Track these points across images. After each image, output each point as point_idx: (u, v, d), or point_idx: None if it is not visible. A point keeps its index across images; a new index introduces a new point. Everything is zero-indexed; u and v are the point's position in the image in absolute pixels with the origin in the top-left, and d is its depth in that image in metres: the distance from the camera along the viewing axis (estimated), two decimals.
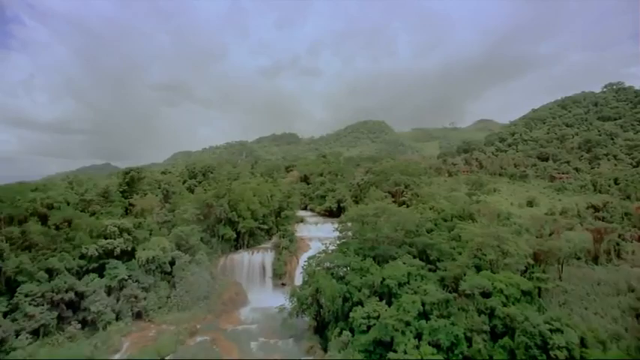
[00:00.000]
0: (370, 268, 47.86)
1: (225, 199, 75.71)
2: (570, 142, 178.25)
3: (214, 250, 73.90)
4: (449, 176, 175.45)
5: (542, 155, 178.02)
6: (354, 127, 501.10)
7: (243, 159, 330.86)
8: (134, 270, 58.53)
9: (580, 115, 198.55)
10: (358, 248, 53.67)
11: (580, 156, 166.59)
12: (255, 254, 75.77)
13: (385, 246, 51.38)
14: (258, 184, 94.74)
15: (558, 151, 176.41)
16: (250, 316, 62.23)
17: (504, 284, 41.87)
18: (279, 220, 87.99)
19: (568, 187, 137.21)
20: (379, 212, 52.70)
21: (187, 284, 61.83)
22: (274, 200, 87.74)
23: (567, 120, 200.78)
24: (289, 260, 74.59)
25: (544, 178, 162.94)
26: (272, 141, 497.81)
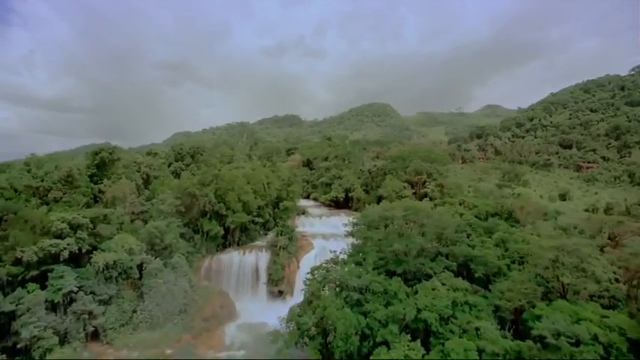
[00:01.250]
0: (398, 292, 34.34)
1: (211, 188, 61.88)
2: (596, 129, 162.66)
3: (198, 249, 60.61)
4: (463, 163, 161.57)
5: (564, 142, 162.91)
6: (358, 110, 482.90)
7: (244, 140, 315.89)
8: (88, 278, 45.30)
9: (605, 99, 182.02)
10: (378, 259, 40.08)
11: (608, 144, 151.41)
12: (247, 254, 62.47)
13: (417, 259, 37.73)
14: (253, 169, 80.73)
15: (582, 138, 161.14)
16: (238, 336, 49.36)
17: (599, 327, 28.43)
18: (277, 212, 74.45)
19: (599, 178, 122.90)
20: (410, 214, 38.73)
21: (159, 295, 48.67)
22: (272, 189, 73.98)
23: (591, 105, 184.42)
24: (288, 263, 61.32)
25: (568, 167, 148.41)
26: (274, 123, 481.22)
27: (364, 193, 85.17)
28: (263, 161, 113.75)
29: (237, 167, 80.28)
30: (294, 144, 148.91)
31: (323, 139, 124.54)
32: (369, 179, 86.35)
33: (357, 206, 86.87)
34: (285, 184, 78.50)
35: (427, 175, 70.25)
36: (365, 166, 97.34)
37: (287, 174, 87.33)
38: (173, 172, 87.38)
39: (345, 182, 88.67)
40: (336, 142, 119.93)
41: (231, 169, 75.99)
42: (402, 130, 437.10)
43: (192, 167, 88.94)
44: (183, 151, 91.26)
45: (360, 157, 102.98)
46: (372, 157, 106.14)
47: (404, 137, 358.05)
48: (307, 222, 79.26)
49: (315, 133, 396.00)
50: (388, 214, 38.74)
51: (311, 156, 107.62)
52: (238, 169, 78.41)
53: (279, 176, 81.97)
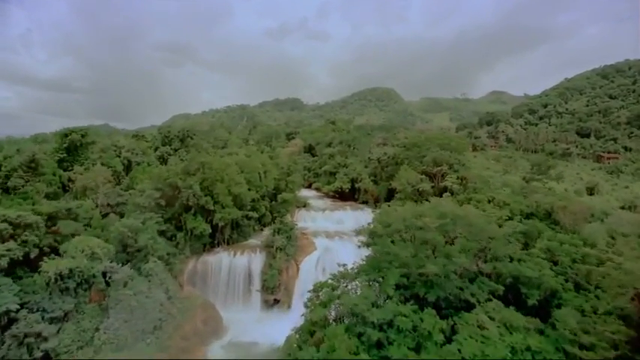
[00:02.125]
0: (433, 331, 25.10)
1: (196, 178, 52.17)
2: (616, 117, 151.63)
3: (181, 250, 51.33)
4: (474, 151, 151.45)
5: (582, 131, 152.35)
6: (361, 94, 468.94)
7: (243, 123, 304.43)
8: (36, 292, 36.28)
9: (626, 85, 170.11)
10: (401, 276, 30.66)
11: (630, 133, 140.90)
12: (238, 256, 53.29)
13: (454, 281, 28.39)
14: (248, 155, 70.90)
15: (602, 126, 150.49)
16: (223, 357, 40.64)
17: None
18: (275, 205, 65.02)
19: (624, 170, 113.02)
20: (449, 225, 29.04)
21: (127, 309, 39.69)
22: (269, 179, 64.37)
23: (610, 91, 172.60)
24: (286, 267, 52.25)
25: (587, 157, 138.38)
26: (275, 106, 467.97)
27: (373, 184, 75.57)
28: (261, 146, 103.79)
29: (230, 153, 70.55)
30: (296, 128, 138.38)
31: (326, 123, 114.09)
32: (379, 169, 76.56)
33: (364, 198, 77.44)
34: (285, 173, 68.82)
35: (448, 165, 60.39)
36: (373, 154, 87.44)
37: (287, 161, 77.54)
38: (160, 157, 77.70)
39: (351, 171, 78.96)
40: (340, 127, 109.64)
41: (223, 156, 66.25)
42: (406, 116, 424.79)
43: (181, 152, 79.20)
44: (171, 134, 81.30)
45: (366, 144, 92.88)
46: (378, 144, 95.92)
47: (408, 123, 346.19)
48: (309, 216, 69.94)
49: (316, 117, 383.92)
50: (419, 224, 28.98)
51: (313, 141, 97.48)
52: (231, 156, 68.66)
53: (278, 164, 72.25)
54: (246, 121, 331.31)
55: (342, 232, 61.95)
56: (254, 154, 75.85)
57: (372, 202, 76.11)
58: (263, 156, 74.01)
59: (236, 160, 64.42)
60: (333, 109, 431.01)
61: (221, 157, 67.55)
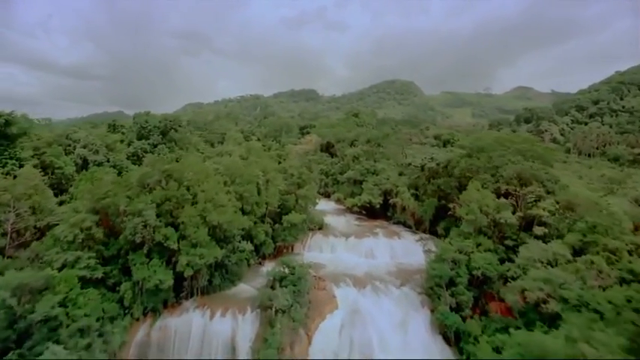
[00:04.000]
0: None
1: (152, 197, 32.52)
2: None
3: (127, 309, 32.07)
4: None
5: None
6: (379, 87, 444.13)
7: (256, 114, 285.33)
8: None
9: None
10: None
11: None
12: (217, 318, 33.55)
13: None
14: (245, 156, 51.04)
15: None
16: None
17: None
18: (280, 229, 45.25)
19: None
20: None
21: None
22: (272, 192, 44.35)
23: None
24: (291, 339, 32.39)
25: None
26: (290, 97, 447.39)
27: (413, 199, 54.84)
28: (267, 142, 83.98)
29: (222, 153, 50.72)
30: (311, 120, 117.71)
31: (348, 116, 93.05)
32: (422, 179, 55.67)
33: (401, 218, 56.90)
34: (294, 183, 48.69)
35: (539, 184, 39.27)
36: (414, 158, 66.73)
37: (297, 165, 57.42)
38: (133, 154, 58.42)
39: (384, 181, 58.32)
40: (365, 120, 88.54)
41: (211, 156, 46.56)
42: (426, 110, 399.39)
43: (161, 148, 59.77)
44: (149, 124, 61.69)
45: (401, 143, 71.82)
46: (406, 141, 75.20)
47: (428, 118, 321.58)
48: (326, 244, 49.80)
49: (332, 109, 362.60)
50: None
51: (332, 137, 76.80)
52: (221, 158, 48.91)
53: (286, 169, 52.10)
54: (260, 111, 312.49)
55: (376, 276, 41.78)
56: (255, 155, 55.97)
57: (412, 222, 55.61)
58: (266, 157, 54.08)
59: (227, 164, 44.64)
60: (350, 101, 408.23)
61: (207, 158, 48.01)
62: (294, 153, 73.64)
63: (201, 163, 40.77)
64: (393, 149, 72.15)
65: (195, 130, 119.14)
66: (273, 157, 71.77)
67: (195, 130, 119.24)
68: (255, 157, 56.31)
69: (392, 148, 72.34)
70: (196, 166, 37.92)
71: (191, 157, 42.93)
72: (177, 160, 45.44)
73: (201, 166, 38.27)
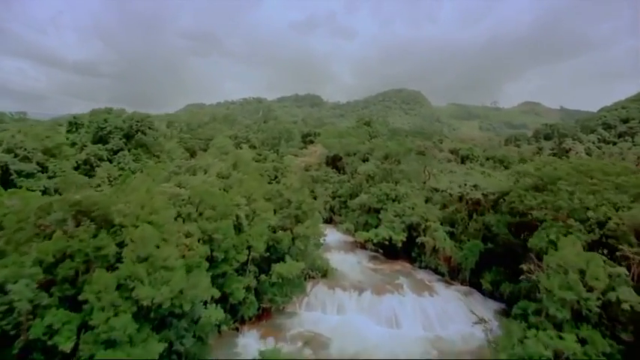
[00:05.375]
0: None
1: (44, 251, 18.58)
2: None
3: None
4: None
5: None
6: (386, 95, 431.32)
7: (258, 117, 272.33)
8: None
9: None
10: None
11: None
12: None
13: None
14: (226, 173, 37.07)
15: None
16: None
17: None
18: (267, 283, 31.22)
19: None
20: None
21: None
22: (256, 230, 30.35)
23: None
24: None
25: None
26: (294, 101, 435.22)
27: (449, 238, 40.71)
28: (263, 151, 70.16)
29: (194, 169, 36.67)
30: (315, 127, 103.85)
31: (359, 124, 78.85)
32: (461, 213, 41.66)
33: (431, 262, 42.71)
34: (291, 216, 34.70)
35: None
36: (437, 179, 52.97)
37: (297, 184, 43.45)
38: (84, 162, 44.57)
39: (408, 211, 44.24)
40: (379, 130, 74.76)
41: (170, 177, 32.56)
42: (433, 121, 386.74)
43: (122, 156, 45.91)
44: (109, 125, 47.86)
45: (424, 160, 57.93)
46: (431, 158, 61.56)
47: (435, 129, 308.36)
48: (331, 300, 35.56)
49: (337, 116, 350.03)
50: None
51: (341, 150, 62.79)
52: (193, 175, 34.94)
53: (281, 193, 38.13)
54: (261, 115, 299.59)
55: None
56: (242, 169, 42.10)
57: (446, 269, 41.57)
58: (255, 175, 40.13)
59: (196, 187, 30.73)
60: (355, 108, 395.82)
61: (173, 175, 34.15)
62: (295, 167, 60.00)
63: (150, 187, 26.75)
64: (414, 167, 58.21)
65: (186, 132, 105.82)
66: (268, 172, 58.00)
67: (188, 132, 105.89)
68: (242, 172, 42.37)
69: (413, 166, 58.42)
70: (137, 194, 23.94)
71: (138, 178, 29.14)
72: (135, 172, 31.71)
73: (145, 195, 24.26)
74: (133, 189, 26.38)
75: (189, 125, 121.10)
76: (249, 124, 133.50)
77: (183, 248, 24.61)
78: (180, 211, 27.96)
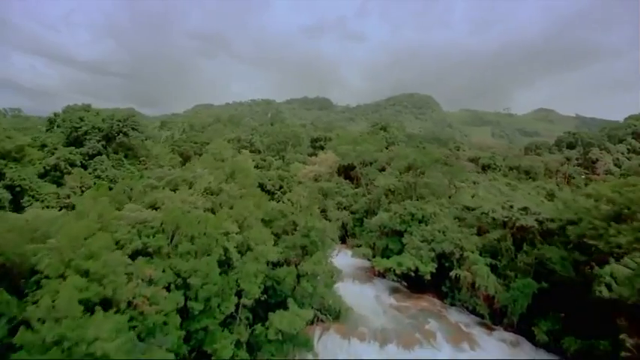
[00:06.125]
0: None
1: None
2: None
3: None
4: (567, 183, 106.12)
5: None
6: (396, 99, 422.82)
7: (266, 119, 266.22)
8: None
9: None
10: None
11: None
12: None
13: None
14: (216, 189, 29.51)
15: None
16: None
17: None
18: (260, 339, 23.46)
19: None
20: None
21: None
22: (249, 269, 22.76)
23: None
24: None
25: None
26: (302, 104, 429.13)
27: (491, 273, 32.62)
28: (268, 157, 62.73)
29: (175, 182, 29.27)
30: (325, 131, 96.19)
31: (374, 129, 70.76)
32: (506, 243, 33.50)
33: (467, 300, 34.65)
34: (297, 246, 27.07)
35: None
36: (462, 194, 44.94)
37: (304, 201, 35.83)
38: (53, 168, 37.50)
39: (438, 236, 36.33)
40: (397, 136, 66.82)
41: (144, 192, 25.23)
42: (444, 127, 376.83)
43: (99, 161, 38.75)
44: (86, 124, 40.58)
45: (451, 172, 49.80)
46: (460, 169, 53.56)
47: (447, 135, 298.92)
48: (344, 354, 27.86)
49: (346, 119, 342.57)
50: None
51: (355, 158, 54.97)
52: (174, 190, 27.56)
53: (284, 213, 30.58)
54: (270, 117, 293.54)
55: None
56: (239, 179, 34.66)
57: (486, 310, 33.49)
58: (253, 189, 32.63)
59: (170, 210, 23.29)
60: (365, 112, 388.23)
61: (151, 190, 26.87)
62: (303, 176, 52.47)
63: (104, 212, 19.36)
64: (439, 180, 50.13)
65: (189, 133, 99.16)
66: (272, 181, 50.47)
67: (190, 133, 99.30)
68: (240, 183, 34.91)
69: (438, 178, 50.34)
70: (77, 227, 16.47)
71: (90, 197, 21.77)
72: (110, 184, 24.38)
73: (90, 225, 16.83)
74: (79, 214, 19.02)
75: (192, 126, 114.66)
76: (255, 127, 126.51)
77: (141, 303, 17.15)
78: (145, 245, 20.54)
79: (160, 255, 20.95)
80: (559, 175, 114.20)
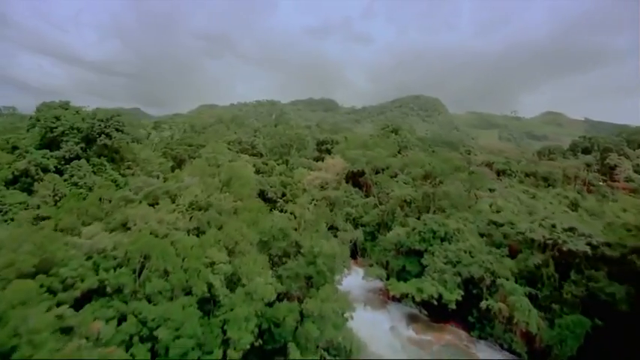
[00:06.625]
0: None
1: None
2: None
3: None
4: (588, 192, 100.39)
5: None
6: (402, 101, 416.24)
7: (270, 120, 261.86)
8: None
9: None
10: None
11: None
12: None
13: None
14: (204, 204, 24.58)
15: None
16: None
17: None
18: None
19: None
20: None
21: None
22: (238, 314, 17.80)
23: None
24: None
25: None
26: (308, 105, 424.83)
27: (531, 304, 27.28)
28: (270, 161, 57.81)
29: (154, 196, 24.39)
30: (331, 133, 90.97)
31: (385, 132, 65.27)
32: (548, 269, 28.16)
33: (500, 336, 29.33)
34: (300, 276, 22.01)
35: None
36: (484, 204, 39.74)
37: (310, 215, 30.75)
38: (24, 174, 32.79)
39: (465, 257, 31.07)
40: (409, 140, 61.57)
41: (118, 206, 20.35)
42: (451, 130, 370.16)
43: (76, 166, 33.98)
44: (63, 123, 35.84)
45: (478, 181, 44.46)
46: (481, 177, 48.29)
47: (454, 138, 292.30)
48: None
49: (352, 121, 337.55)
50: None
51: (366, 164, 49.67)
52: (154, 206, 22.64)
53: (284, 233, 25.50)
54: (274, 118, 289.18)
55: None
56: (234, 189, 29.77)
57: (523, 348, 28.14)
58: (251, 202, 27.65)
59: (139, 238, 18.42)
60: (371, 114, 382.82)
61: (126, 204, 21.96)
62: (308, 183, 47.38)
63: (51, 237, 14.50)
64: (458, 189, 44.80)
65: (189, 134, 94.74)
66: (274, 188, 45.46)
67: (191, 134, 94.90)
68: (235, 193, 29.98)
69: (457, 187, 45.03)
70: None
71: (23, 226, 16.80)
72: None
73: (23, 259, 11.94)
74: (16, 240, 14.12)
75: (192, 127, 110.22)
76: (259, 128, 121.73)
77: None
78: (102, 283, 15.60)
79: (122, 296, 16.00)
80: (577, 182, 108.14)
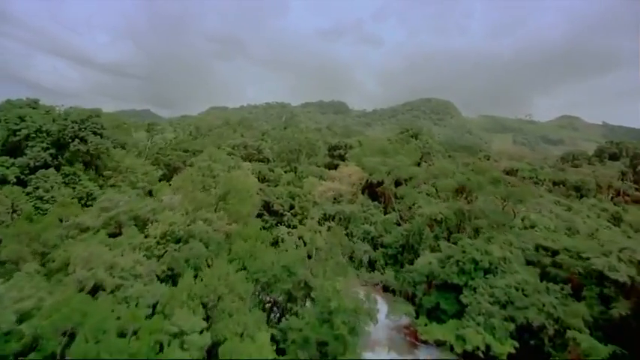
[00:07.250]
0: None
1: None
2: None
3: None
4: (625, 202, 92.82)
5: None
6: (414, 105, 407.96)
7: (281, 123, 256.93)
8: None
9: None
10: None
11: None
12: None
13: None
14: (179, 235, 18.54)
15: None
16: None
17: None
18: None
19: None
20: None
21: None
22: None
23: None
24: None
25: None
26: (318, 108, 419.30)
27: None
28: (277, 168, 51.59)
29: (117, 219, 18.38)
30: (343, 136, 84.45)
31: (404, 136, 58.16)
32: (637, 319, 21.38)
33: None
34: (310, 343, 15.77)
35: None
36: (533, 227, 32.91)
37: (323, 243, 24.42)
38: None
39: (515, 295, 24.30)
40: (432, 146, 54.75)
41: None
42: (464, 133, 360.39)
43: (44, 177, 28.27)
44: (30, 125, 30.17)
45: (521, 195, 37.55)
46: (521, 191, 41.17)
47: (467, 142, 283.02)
48: None
49: (363, 124, 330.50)
50: None
51: (386, 174, 42.85)
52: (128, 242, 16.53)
53: (291, 272, 19.25)
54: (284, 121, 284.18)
55: None
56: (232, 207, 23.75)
57: None
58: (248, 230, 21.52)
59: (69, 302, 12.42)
60: (382, 117, 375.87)
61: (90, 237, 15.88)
62: (319, 195, 40.94)
63: None
64: (494, 205, 37.96)
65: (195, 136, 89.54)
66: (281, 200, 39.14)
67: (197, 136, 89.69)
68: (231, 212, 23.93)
69: (493, 203, 38.22)
70: None
71: None
72: None
73: None
74: None
75: (198, 129, 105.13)
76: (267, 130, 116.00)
77: None
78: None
79: None
80: (611, 192, 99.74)
